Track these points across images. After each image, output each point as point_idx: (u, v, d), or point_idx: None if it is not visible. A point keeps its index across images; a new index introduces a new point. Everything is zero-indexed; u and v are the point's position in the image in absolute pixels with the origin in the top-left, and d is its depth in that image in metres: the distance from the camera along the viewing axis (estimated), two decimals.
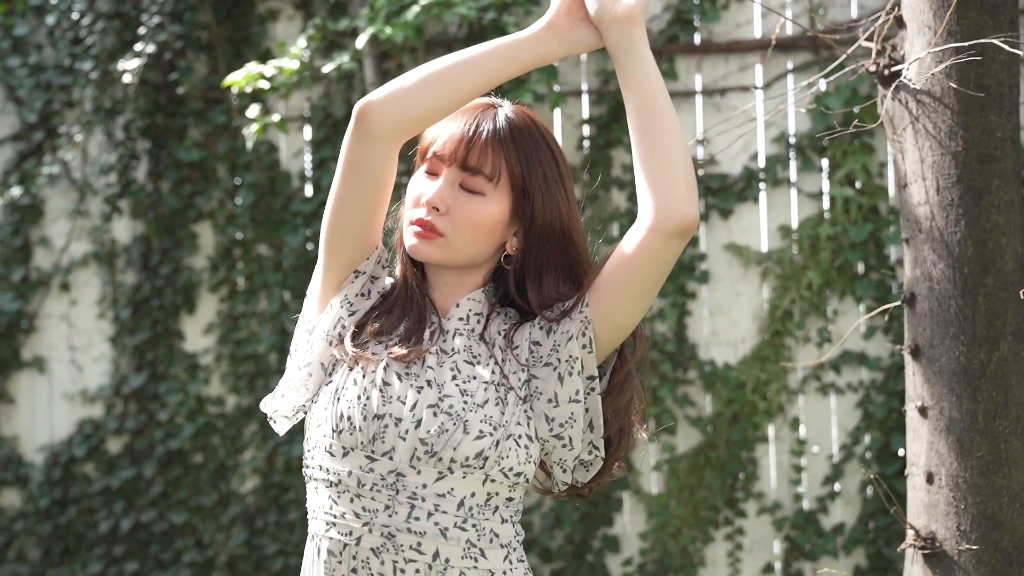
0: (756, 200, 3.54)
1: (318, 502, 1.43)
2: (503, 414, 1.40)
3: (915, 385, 1.82)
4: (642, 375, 1.49)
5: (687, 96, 3.61)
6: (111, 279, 4.00)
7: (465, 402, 1.40)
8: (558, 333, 1.42)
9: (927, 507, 1.77)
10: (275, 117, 3.39)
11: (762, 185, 3.53)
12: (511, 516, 1.44)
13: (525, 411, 1.42)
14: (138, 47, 3.77)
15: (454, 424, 1.38)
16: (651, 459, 3.57)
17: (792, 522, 3.44)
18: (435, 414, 1.39)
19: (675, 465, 3.50)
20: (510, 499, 1.43)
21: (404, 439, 1.39)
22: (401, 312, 1.47)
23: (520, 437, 1.41)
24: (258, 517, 3.86)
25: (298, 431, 3.81)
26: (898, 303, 1.90)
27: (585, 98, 3.68)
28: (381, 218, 1.47)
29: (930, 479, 1.76)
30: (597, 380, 1.42)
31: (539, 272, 1.46)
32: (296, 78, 3.38)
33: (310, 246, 3.85)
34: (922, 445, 1.79)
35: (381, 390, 1.40)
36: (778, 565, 3.47)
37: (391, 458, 1.39)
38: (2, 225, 4.10)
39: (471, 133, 1.43)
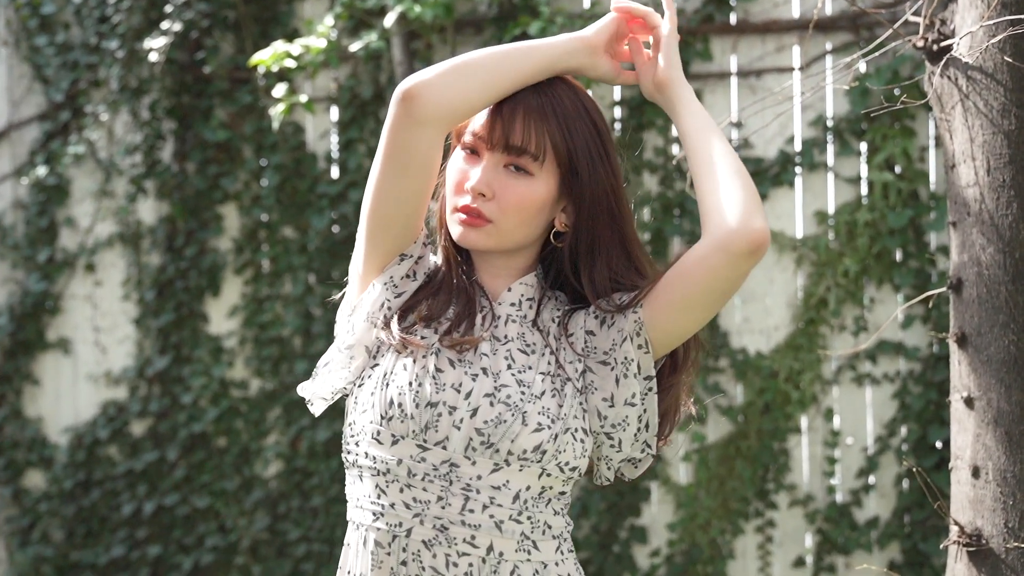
0: (792, 185, 3.44)
1: (363, 491, 1.38)
2: (561, 406, 1.36)
3: (961, 375, 1.73)
4: (691, 373, 1.44)
5: (722, 77, 3.51)
6: (136, 260, 3.98)
7: (523, 392, 1.35)
8: (613, 330, 1.37)
9: (972, 502, 1.69)
10: (302, 97, 3.33)
11: (798, 169, 3.43)
12: (562, 508, 1.40)
13: (581, 403, 1.37)
14: (164, 25, 3.73)
15: (512, 415, 1.34)
16: (680, 449, 3.50)
17: (825, 515, 3.35)
18: (492, 404, 1.34)
19: (705, 455, 3.43)
20: (563, 492, 1.40)
21: (459, 428, 1.34)
22: (448, 296, 1.41)
23: (577, 431, 1.36)
24: (281, 502, 3.82)
25: (325, 416, 3.79)
26: (943, 289, 1.82)
27: None
28: (426, 204, 1.41)
29: (976, 473, 1.68)
30: (655, 380, 1.37)
31: (591, 249, 1.40)
32: (323, 57, 3.32)
33: (336, 228, 3.80)
34: (967, 438, 1.71)
35: (434, 377, 1.35)
36: (810, 559, 3.39)
37: (444, 448, 1.34)
38: (28, 205, 4.08)
39: (511, 110, 1.36)
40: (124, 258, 4.00)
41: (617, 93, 3.59)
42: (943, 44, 1.81)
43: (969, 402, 1.70)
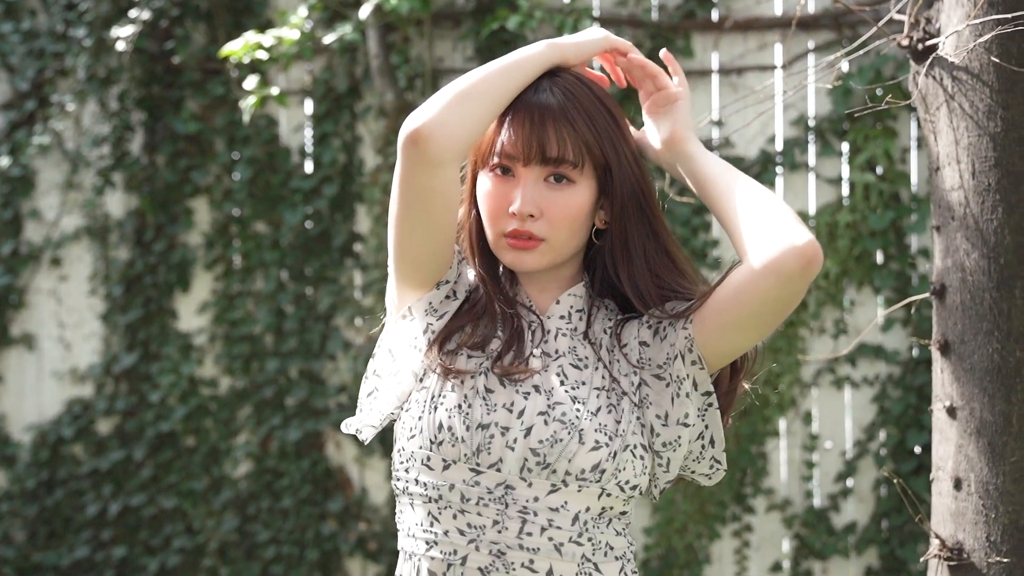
0: (772, 185, 3.39)
1: (414, 519, 1.33)
2: (619, 423, 1.31)
3: (943, 383, 1.68)
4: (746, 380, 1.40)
5: (703, 75, 3.46)
6: (103, 255, 3.89)
7: (578, 410, 1.30)
8: (666, 343, 1.31)
9: (954, 515, 1.64)
10: (274, 90, 3.25)
11: (779, 169, 3.38)
12: (624, 528, 1.34)
13: (639, 418, 1.31)
14: (133, 14, 3.64)
15: (568, 433, 1.29)
16: None
17: (802, 520, 3.31)
18: (546, 422, 1.29)
19: None
20: (623, 512, 1.34)
21: (513, 449, 1.28)
22: (492, 320, 1.35)
23: (636, 447, 1.30)
24: (251, 503, 3.75)
25: (296, 415, 3.71)
26: (926, 295, 1.77)
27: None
28: (454, 233, 1.35)
29: (958, 485, 1.63)
30: (713, 395, 1.32)
31: (625, 245, 1.34)
32: (296, 49, 3.24)
33: (309, 224, 3.73)
34: (950, 448, 1.66)
35: (484, 397, 1.30)
36: (787, 564, 3.34)
37: (499, 470, 1.28)
38: None
39: (539, 121, 1.30)
40: (91, 252, 3.91)
41: None
42: (928, 43, 1.75)
43: (951, 411, 1.65)
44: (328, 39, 3.38)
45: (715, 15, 3.46)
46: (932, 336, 1.73)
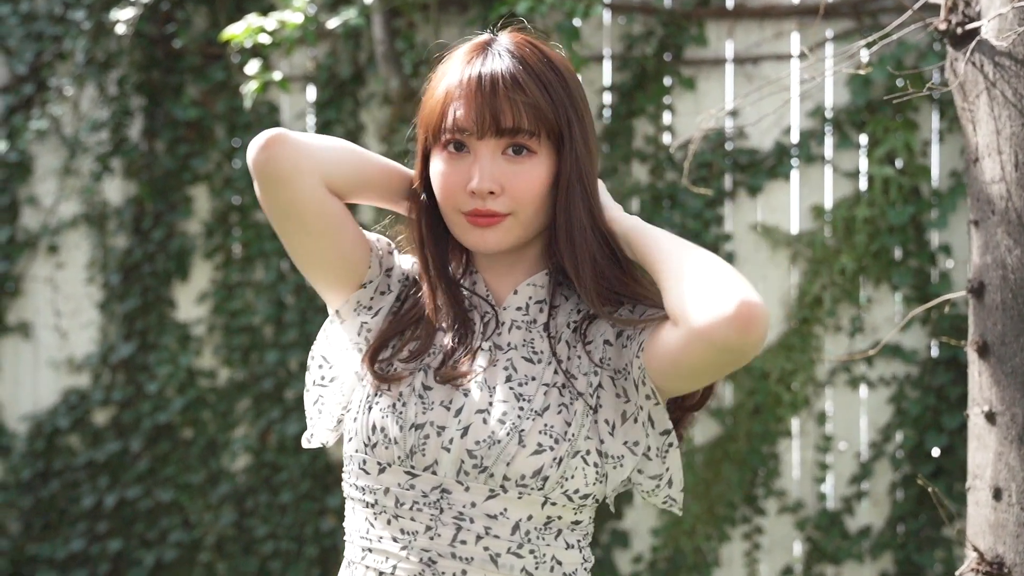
0: (787, 178, 3.30)
1: (354, 524, 1.25)
2: (569, 424, 1.19)
3: (981, 387, 1.60)
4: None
5: (717, 64, 3.37)
6: (101, 242, 3.80)
7: (521, 408, 1.19)
8: (626, 353, 1.20)
9: (993, 527, 1.55)
10: (276, 75, 3.16)
11: (794, 162, 3.29)
12: (578, 541, 1.22)
13: (595, 422, 1.20)
14: None
15: (507, 434, 1.17)
16: None
17: (815, 522, 3.22)
18: (485, 421, 1.18)
19: (691, 458, 3.29)
20: (576, 522, 1.22)
21: (449, 450, 1.19)
22: (429, 324, 1.26)
23: (589, 453, 1.19)
24: (249, 497, 3.66)
25: (296, 409, 3.63)
26: (961, 293, 1.68)
27: (607, 64, 3.45)
28: (357, 240, 1.27)
29: (997, 495, 1.55)
30: (673, 434, 1.21)
31: (569, 226, 1.22)
32: (299, 33, 3.14)
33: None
34: (988, 456, 1.57)
35: (421, 395, 1.22)
36: (798, 567, 3.26)
37: (434, 472, 1.19)
38: None
39: (489, 89, 1.19)
40: (88, 239, 3.82)
41: (607, 78, 3.44)
42: (968, 27, 1.66)
43: (991, 417, 1.57)
44: (332, 24, 3.29)
45: (730, 2, 3.37)
46: (968, 337, 1.64)
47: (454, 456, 1.19)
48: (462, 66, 1.22)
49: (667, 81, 3.36)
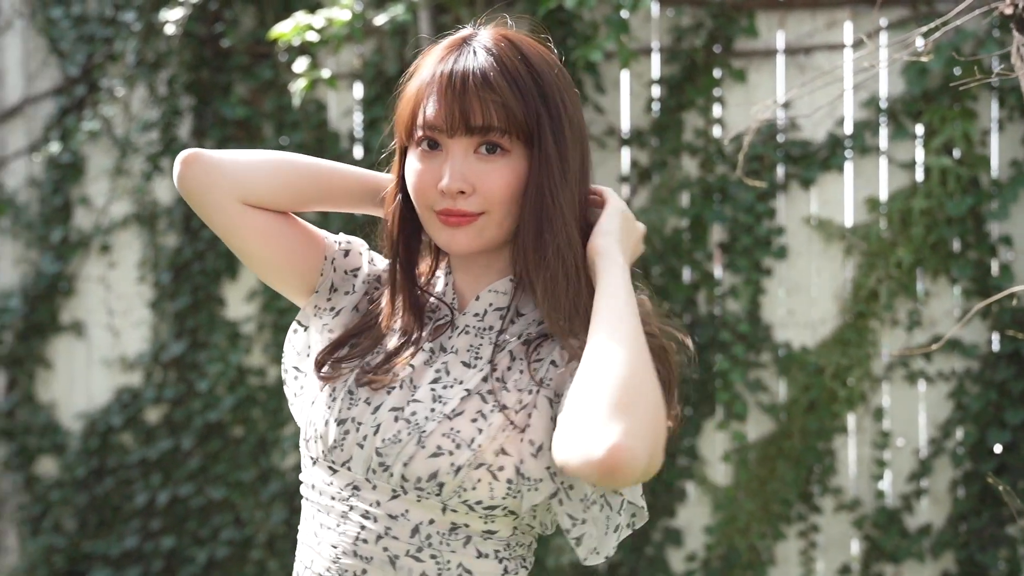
0: (841, 169, 3.24)
1: (303, 521, 1.26)
2: (481, 432, 1.14)
3: None
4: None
5: (768, 55, 3.31)
6: (152, 241, 3.83)
7: (432, 409, 1.16)
8: (565, 388, 1.14)
9: None
10: (324, 73, 3.16)
11: (848, 153, 3.23)
12: (496, 551, 1.17)
13: (522, 440, 1.15)
14: None
15: (409, 434, 1.15)
16: (718, 448, 3.31)
17: (873, 521, 3.16)
18: (396, 419, 1.16)
19: (745, 455, 3.24)
20: (490, 532, 1.17)
21: (362, 447, 1.17)
22: (381, 330, 1.25)
23: (502, 469, 1.13)
24: (299, 495, 3.67)
25: None
26: None
27: (656, 57, 3.41)
28: (301, 248, 1.28)
29: None
30: (600, 496, 1.16)
31: (539, 238, 1.17)
32: (347, 30, 3.14)
33: (357, 211, 3.63)
34: None
35: (351, 391, 1.21)
36: (856, 566, 3.20)
37: (349, 468, 1.17)
38: (42, 183, 3.95)
39: (460, 86, 1.16)
40: (140, 239, 3.86)
41: (656, 71, 3.40)
42: None
43: None
44: (379, 20, 3.28)
45: None
46: None
47: (366, 453, 1.17)
48: (435, 63, 1.20)
49: (717, 73, 3.32)
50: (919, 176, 3.17)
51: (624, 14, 3.08)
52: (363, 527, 1.16)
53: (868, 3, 3.21)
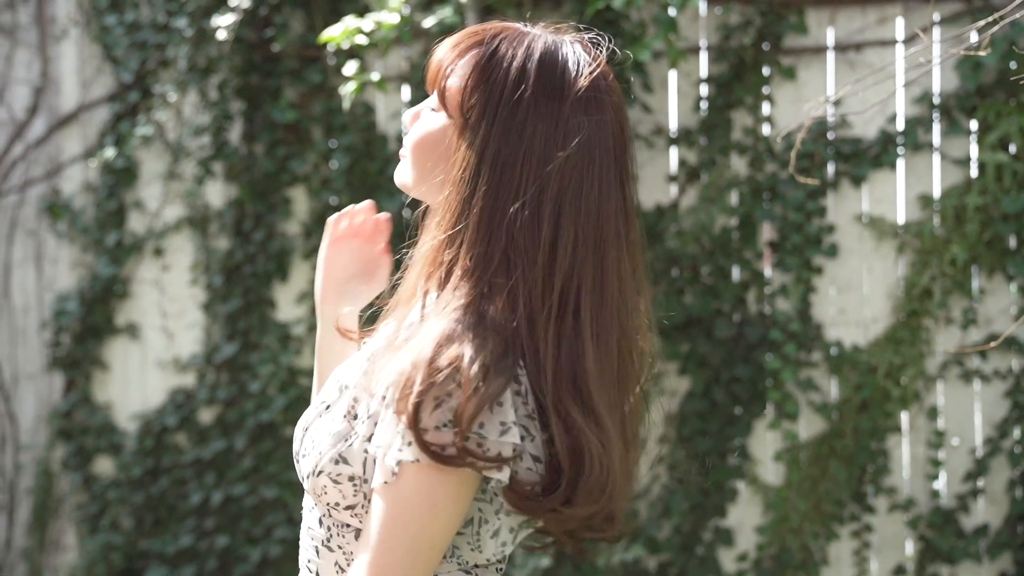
0: (893, 166, 3.21)
1: None
2: (330, 437, 1.12)
3: None
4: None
5: (818, 52, 3.29)
6: (204, 244, 3.89)
7: (316, 408, 1.18)
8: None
9: None
10: (374, 75, 3.19)
11: (900, 150, 3.20)
12: None
13: (366, 449, 1.09)
14: (233, 3, 3.62)
15: (304, 431, 1.18)
16: (769, 447, 3.29)
17: (928, 521, 3.13)
18: (303, 420, 1.20)
19: (796, 454, 3.22)
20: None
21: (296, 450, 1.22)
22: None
23: (336, 479, 1.10)
24: None
25: None
26: None
27: (704, 55, 3.40)
28: None
29: None
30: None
31: (451, 219, 1.13)
32: (395, 33, 3.16)
33: (407, 212, 3.66)
34: None
35: (311, 402, 1.27)
36: (911, 567, 3.17)
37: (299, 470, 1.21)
38: (98, 188, 4.02)
39: (446, 47, 1.19)
40: (192, 242, 3.91)
41: (704, 69, 3.39)
42: None
43: None
44: (427, 23, 3.31)
45: None
46: None
47: (296, 454, 1.21)
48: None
49: (766, 71, 3.30)
50: (973, 172, 3.13)
51: (672, 12, 3.08)
52: (303, 520, 1.20)
53: None
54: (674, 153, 3.40)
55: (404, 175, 1.23)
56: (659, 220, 3.33)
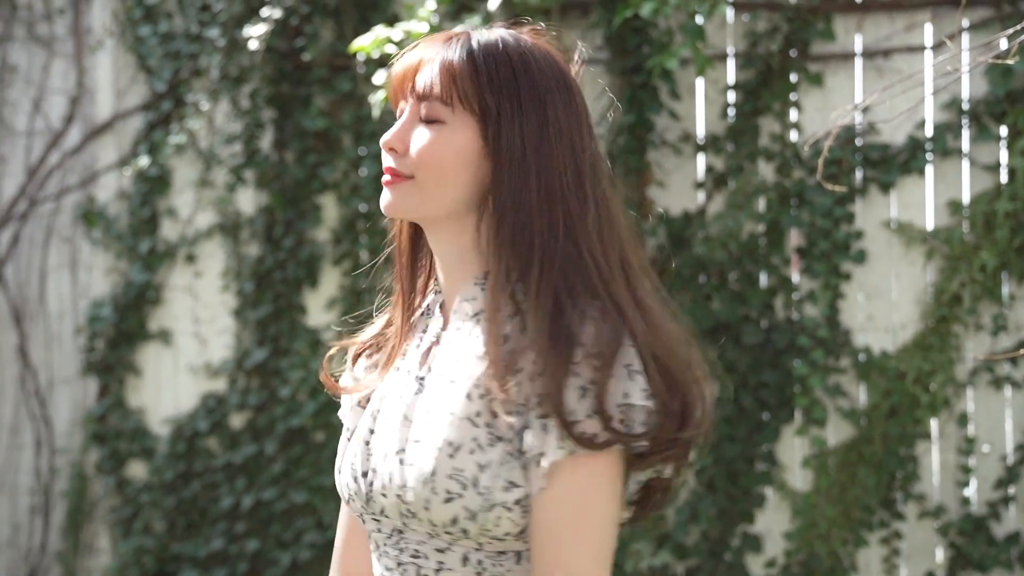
0: (922, 172, 3.21)
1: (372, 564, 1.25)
2: (482, 471, 1.07)
3: None
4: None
5: (846, 59, 3.29)
6: (235, 251, 3.94)
7: (427, 447, 1.10)
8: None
9: None
10: None
11: (929, 156, 3.19)
12: None
13: (523, 465, 1.07)
14: (264, 13, 3.67)
15: (421, 481, 1.09)
16: (797, 453, 3.29)
17: (958, 528, 3.11)
18: (401, 462, 1.11)
19: (824, 460, 3.22)
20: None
21: (386, 496, 1.13)
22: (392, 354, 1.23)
23: (510, 506, 1.07)
24: None
25: None
26: None
27: (731, 62, 3.41)
28: None
29: None
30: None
31: (514, 235, 1.10)
32: None
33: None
34: None
35: (367, 441, 1.18)
36: (941, 574, 3.15)
37: (387, 516, 1.15)
38: (131, 196, 4.08)
39: (419, 56, 1.16)
40: (223, 248, 3.97)
41: (731, 76, 3.40)
42: None
43: None
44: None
45: None
46: None
47: (391, 501, 1.13)
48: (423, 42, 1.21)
49: (793, 78, 3.31)
50: (1003, 178, 3.12)
51: (699, 20, 3.09)
52: (420, 567, 1.13)
53: (948, 4, 3.17)
54: (701, 160, 3.41)
55: (409, 200, 1.15)
56: (686, 226, 3.34)
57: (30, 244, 4.28)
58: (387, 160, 1.17)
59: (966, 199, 3.17)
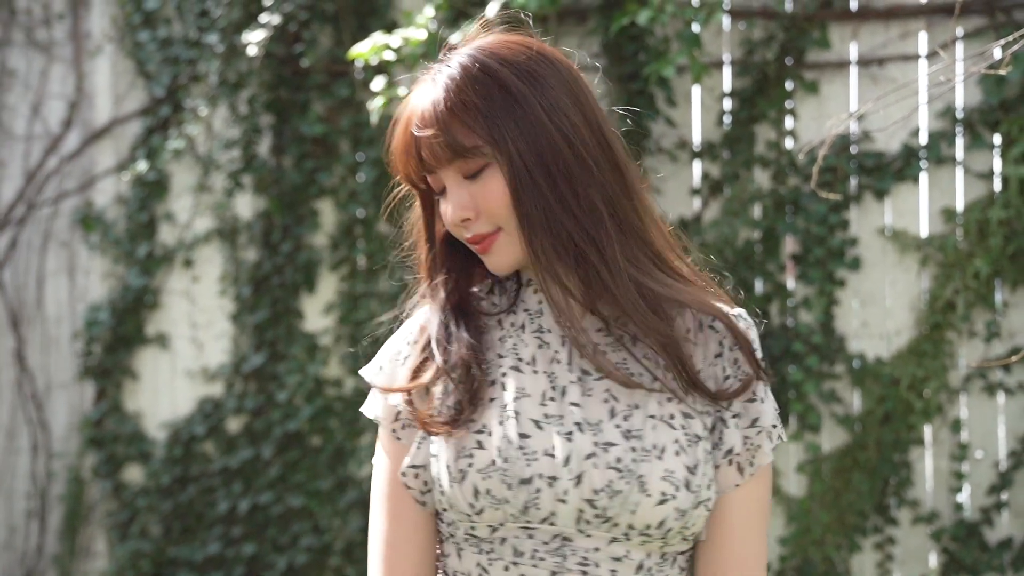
0: (916, 180, 3.23)
1: (461, 567, 1.19)
2: (692, 472, 1.14)
3: None
4: None
5: (840, 67, 3.31)
6: (233, 256, 3.95)
7: (634, 449, 1.13)
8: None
9: None
10: (401, 91, 3.24)
11: (923, 164, 3.22)
12: (686, 563, 1.21)
13: (715, 464, 1.18)
14: (263, 19, 3.69)
15: (627, 483, 1.12)
16: (792, 459, 3.31)
17: (951, 534, 3.13)
18: (596, 466, 1.12)
19: (819, 466, 3.24)
20: (686, 549, 1.21)
21: (565, 502, 1.13)
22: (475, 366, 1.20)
23: (709, 501, 1.16)
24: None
25: None
26: None
27: (727, 70, 3.43)
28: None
29: None
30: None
31: (529, 217, 1.15)
32: (423, 49, 3.22)
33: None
34: None
35: (520, 446, 1.13)
36: None
37: (552, 523, 1.14)
38: (129, 200, 4.10)
39: (413, 134, 1.18)
40: (221, 253, 3.98)
41: (727, 84, 3.42)
42: None
43: None
44: (453, 39, 3.34)
45: (854, 3, 3.31)
46: None
47: (571, 507, 1.13)
48: (402, 107, 1.21)
49: (789, 85, 3.33)
50: (997, 186, 3.15)
51: (696, 28, 3.11)
52: (586, 573, 1.14)
53: (943, 13, 3.20)
54: (697, 166, 3.43)
55: (513, 249, 1.17)
56: (682, 233, 3.36)
57: (28, 248, 4.29)
58: (464, 232, 1.19)
59: (960, 207, 3.19)
